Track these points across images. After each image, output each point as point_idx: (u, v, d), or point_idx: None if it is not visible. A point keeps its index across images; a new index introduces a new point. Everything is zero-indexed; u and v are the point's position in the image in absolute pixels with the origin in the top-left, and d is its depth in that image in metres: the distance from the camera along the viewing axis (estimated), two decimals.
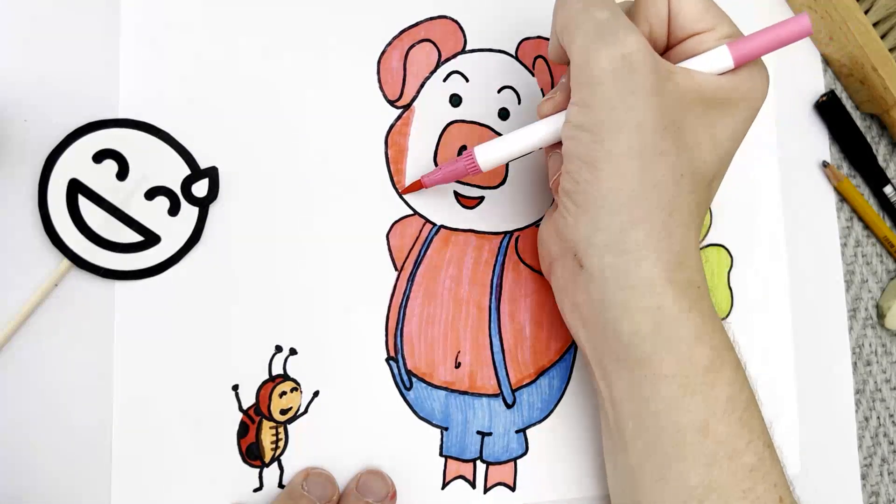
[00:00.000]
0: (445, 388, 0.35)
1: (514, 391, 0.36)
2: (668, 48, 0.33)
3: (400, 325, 0.35)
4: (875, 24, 0.43)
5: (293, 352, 0.33)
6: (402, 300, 0.35)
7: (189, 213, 0.32)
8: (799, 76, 0.45)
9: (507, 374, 0.36)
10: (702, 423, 0.30)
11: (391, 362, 0.35)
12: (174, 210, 0.32)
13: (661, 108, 0.29)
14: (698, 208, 0.32)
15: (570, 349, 0.38)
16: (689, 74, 0.31)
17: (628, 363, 0.31)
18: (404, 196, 0.36)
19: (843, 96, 0.46)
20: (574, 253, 0.31)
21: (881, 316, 0.45)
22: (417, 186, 0.35)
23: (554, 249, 0.34)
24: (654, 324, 0.30)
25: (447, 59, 0.37)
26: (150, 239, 0.32)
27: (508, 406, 0.36)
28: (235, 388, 0.32)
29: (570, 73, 0.30)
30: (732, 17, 0.33)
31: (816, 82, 0.46)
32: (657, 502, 0.31)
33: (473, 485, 0.35)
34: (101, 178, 0.31)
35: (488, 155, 0.33)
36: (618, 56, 0.28)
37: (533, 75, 0.39)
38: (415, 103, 0.36)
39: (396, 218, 0.36)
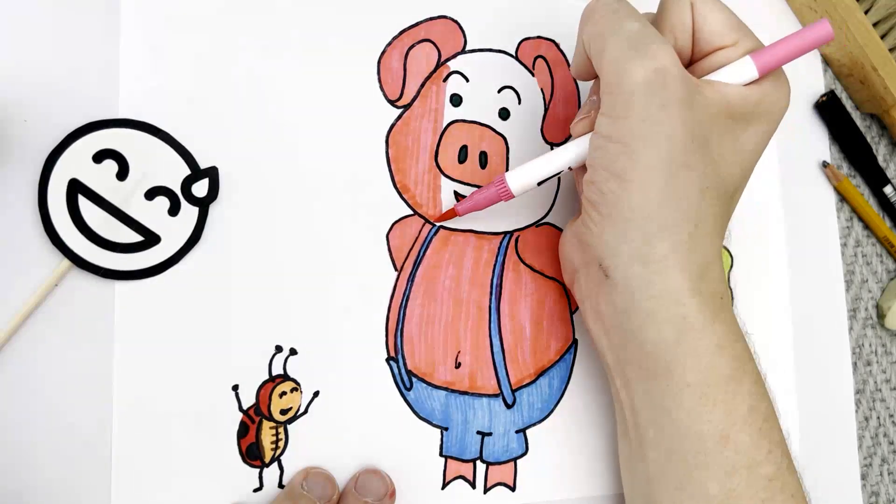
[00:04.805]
0: (445, 389, 0.35)
1: (514, 391, 0.36)
2: (691, 62, 0.33)
3: (400, 325, 0.35)
4: (875, 24, 0.43)
5: (293, 352, 0.33)
6: (402, 300, 0.35)
7: (189, 213, 0.32)
8: (799, 76, 0.45)
9: (507, 374, 0.36)
10: (722, 433, 0.30)
11: (391, 362, 0.35)
12: (174, 210, 0.32)
13: (691, 121, 0.29)
14: (722, 220, 0.32)
15: (570, 349, 0.38)
16: (716, 87, 0.31)
17: (650, 372, 0.31)
18: (404, 196, 0.36)
19: (843, 96, 0.46)
20: (599, 263, 0.31)
21: (881, 316, 0.45)
22: (451, 215, 0.35)
23: (577, 259, 0.34)
24: (678, 333, 0.30)
25: (447, 59, 0.37)
26: (150, 239, 0.32)
27: (508, 406, 0.36)
28: (235, 388, 0.32)
29: (601, 86, 0.30)
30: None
31: (816, 82, 0.46)
32: None
33: (473, 485, 0.35)
34: (101, 178, 0.31)
35: (520, 180, 0.34)
36: (651, 69, 0.28)
37: (533, 75, 0.39)
38: (415, 103, 0.36)
39: (396, 218, 0.36)
